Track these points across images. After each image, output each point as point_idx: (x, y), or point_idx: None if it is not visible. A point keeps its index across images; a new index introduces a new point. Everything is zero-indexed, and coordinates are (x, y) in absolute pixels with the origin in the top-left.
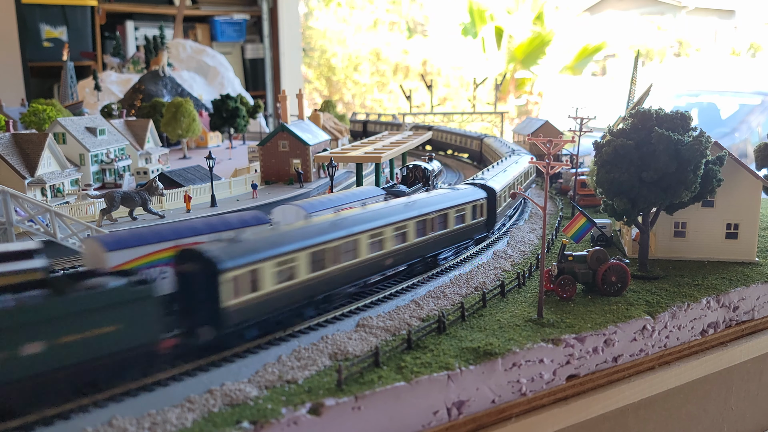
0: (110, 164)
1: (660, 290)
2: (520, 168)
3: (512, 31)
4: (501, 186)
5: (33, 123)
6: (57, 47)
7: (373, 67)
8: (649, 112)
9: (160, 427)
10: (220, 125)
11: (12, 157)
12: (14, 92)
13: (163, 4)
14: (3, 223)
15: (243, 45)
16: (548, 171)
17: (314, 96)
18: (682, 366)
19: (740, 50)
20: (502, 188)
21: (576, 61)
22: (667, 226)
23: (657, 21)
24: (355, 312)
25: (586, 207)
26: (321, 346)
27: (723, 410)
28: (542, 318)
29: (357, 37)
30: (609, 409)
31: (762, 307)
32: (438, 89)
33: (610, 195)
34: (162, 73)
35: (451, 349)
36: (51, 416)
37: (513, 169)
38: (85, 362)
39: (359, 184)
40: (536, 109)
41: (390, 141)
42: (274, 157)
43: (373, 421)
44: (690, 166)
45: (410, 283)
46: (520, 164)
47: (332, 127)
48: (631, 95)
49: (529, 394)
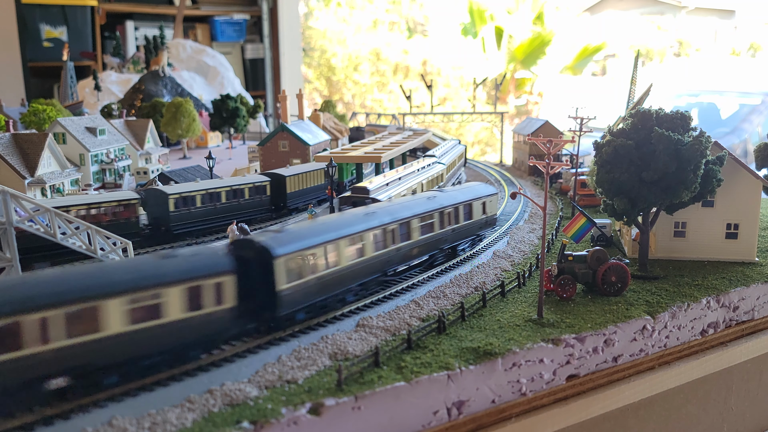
0: (110, 164)
1: (660, 290)
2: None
3: (512, 31)
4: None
5: (33, 123)
6: (57, 47)
7: (373, 67)
8: (649, 112)
9: (160, 427)
10: (220, 125)
11: (12, 157)
12: (14, 92)
13: (163, 4)
14: (3, 223)
15: (243, 45)
16: (548, 171)
17: (314, 96)
18: (682, 366)
19: (740, 50)
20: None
21: (576, 61)
22: (667, 226)
23: (657, 21)
24: (355, 312)
25: (586, 207)
26: (321, 346)
27: (723, 410)
28: (542, 318)
29: (357, 37)
30: (609, 409)
31: (762, 307)
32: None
33: (610, 195)
34: (162, 73)
35: (451, 349)
36: (51, 416)
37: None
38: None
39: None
40: (536, 109)
41: (390, 141)
42: (274, 157)
43: (373, 421)
44: (690, 166)
45: (410, 283)
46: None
47: (332, 127)
48: (631, 95)
49: (529, 394)
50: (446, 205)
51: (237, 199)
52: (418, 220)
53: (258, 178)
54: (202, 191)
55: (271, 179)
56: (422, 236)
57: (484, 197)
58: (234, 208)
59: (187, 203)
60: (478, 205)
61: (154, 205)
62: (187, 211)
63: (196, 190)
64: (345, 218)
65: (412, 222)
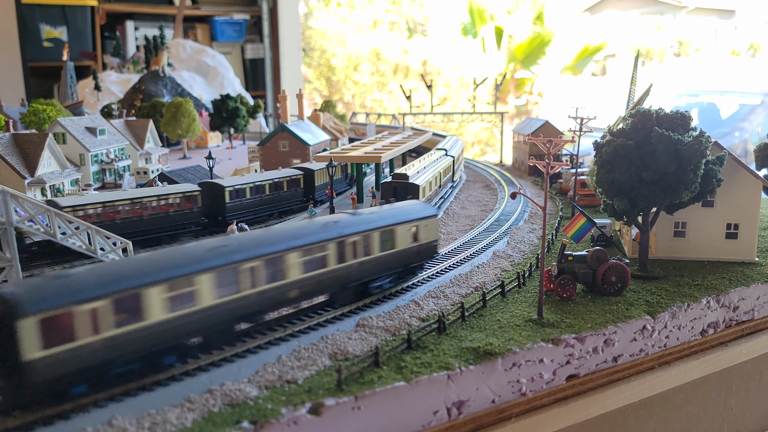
0: (110, 164)
1: (660, 290)
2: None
3: (512, 31)
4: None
5: (33, 123)
6: (57, 47)
7: (373, 67)
8: (649, 112)
9: (160, 427)
10: (220, 125)
11: (12, 157)
12: (14, 92)
13: (163, 4)
14: (3, 223)
15: (243, 45)
16: (548, 171)
17: (314, 96)
18: (682, 366)
19: (740, 50)
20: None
21: (576, 61)
22: (667, 226)
23: (657, 21)
24: (355, 312)
25: (586, 207)
26: (321, 346)
27: (723, 410)
28: (542, 318)
29: (357, 37)
30: (609, 409)
31: (762, 307)
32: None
33: (610, 195)
34: (162, 73)
35: (451, 349)
36: (51, 416)
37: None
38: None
39: (359, 184)
40: (536, 109)
41: (390, 141)
42: (274, 157)
43: (373, 421)
44: (690, 166)
45: (410, 283)
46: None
47: (332, 127)
48: (631, 95)
49: (529, 394)
50: (350, 232)
51: (278, 191)
52: (299, 253)
53: (293, 172)
54: (252, 183)
55: (304, 173)
56: (306, 274)
57: (416, 221)
58: (275, 199)
59: (240, 195)
60: (406, 230)
61: (210, 196)
62: (240, 202)
63: (246, 182)
64: (173, 256)
65: (287, 257)
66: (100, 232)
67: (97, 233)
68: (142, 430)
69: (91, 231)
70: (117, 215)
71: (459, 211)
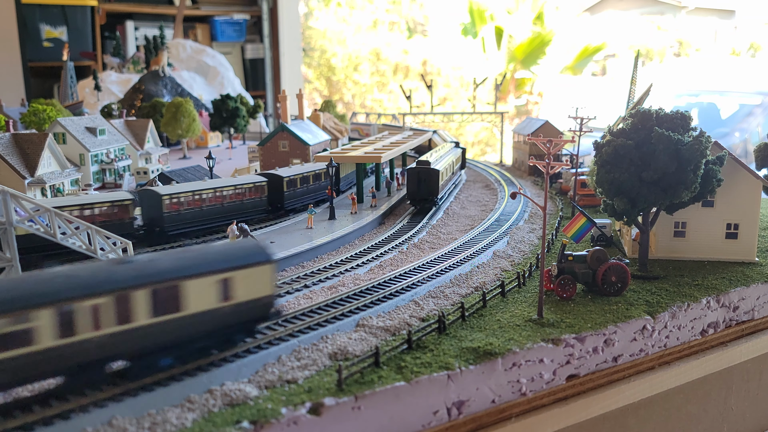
0: (110, 164)
1: (660, 290)
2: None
3: (512, 31)
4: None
5: (33, 123)
6: (57, 47)
7: (373, 67)
8: (649, 112)
9: (160, 427)
10: (220, 125)
11: (12, 157)
12: (14, 92)
13: (163, 4)
14: (3, 223)
15: (243, 45)
16: (548, 171)
17: (314, 96)
18: (682, 366)
19: (740, 50)
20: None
21: (576, 61)
22: (667, 226)
23: (657, 21)
24: (355, 312)
25: (586, 207)
26: (321, 346)
27: (723, 410)
28: (542, 318)
29: (357, 37)
30: (609, 409)
31: (762, 307)
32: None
33: (610, 195)
34: (162, 73)
35: (451, 349)
36: (51, 416)
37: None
38: None
39: (359, 184)
40: (536, 109)
41: (390, 141)
42: (274, 157)
43: (373, 421)
44: (690, 166)
45: (410, 283)
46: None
47: (332, 127)
48: (631, 95)
49: (529, 394)
50: (79, 294)
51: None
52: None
53: (321, 165)
54: (301, 175)
55: (336, 167)
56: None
57: (229, 270)
58: (316, 189)
59: (296, 185)
60: (208, 285)
61: (273, 189)
62: (293, 190)
63: (300, 172)
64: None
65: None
66: (100, 232)
67: (97, 233)
68: (142, 430)
69: (91, 231)
70: (203, 203)
71: (459, 211)
